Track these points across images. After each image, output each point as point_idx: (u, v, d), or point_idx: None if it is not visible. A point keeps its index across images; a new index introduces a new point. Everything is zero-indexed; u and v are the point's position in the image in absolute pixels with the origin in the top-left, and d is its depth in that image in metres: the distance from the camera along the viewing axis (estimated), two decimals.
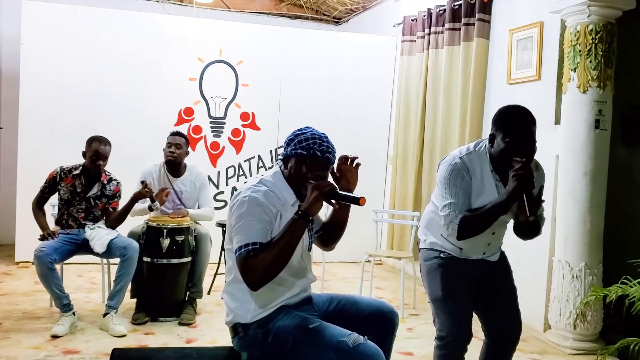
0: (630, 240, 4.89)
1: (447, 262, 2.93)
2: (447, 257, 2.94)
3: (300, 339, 2.44)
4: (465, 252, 2.93)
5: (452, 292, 2.90)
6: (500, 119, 2.78)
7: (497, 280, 3.01)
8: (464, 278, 2.93)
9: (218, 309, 5.15)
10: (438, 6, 6.40)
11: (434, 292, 2.95)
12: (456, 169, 2.80)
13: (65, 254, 4.56)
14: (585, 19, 4.36)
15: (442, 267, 2.93)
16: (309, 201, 2.39)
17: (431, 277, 2.98)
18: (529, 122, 2.74)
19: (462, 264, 2.94)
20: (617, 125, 4.81)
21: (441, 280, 2.92)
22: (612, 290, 3.25)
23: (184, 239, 4.73)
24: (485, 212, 2.72)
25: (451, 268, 2.92)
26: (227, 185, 7.22)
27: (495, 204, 2.70)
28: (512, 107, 2.85)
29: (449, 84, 6.17)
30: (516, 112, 2.80)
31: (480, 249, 2.95)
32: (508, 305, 3.00)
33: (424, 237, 3.06)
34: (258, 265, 2.33)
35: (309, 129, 2.64)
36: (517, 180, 2.61)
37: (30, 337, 4.24)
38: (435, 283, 2.95)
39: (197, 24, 7.23)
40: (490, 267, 3.00)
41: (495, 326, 3.00)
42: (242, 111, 7.23)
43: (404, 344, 4.45)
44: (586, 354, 4.37)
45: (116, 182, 4.79)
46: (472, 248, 2.92)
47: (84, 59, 6.67)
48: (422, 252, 3.06)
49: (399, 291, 5.49)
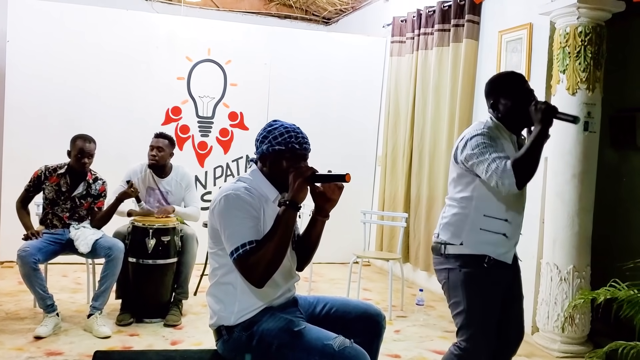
0: (618, 243, 4.89)
1: (490, 272, 2.81)
2: (491, 266, 2.81)
3: (285, 342, 2.40)
4: (510, 237, 2.85)
5: (491, 308, 2.85)
6: (497, 84, 2.93)
7: (514, 287, 3.00)
8: (500, 290, 2.87)
9: (204, 310, 5.10)
10: (427, 7, 6.39)
11: (473, 303, 2.83)
12: (486, 134, 2.80)
13: (49, 254, 4.50)
14: (575, 20, 4.35)
15: (486, 277, 2.82)
16: (294, 189, 2.37)
17: (471, 287, 2.83)
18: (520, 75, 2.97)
19: (499, 271, 2.85)
20: (606, 128, 4.82)
21: (484, 293, 2.83)
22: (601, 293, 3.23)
23: (170, 239, 4.69)
24: (529, 146, 2.68)
25: (492, 278, 2.83)
26: (215, 185, 7.17)
27: (534, 136, 2.70)
28: (502, 73, 3.14)
29: (438, 85, 6.16)
30: (507, 73, 3.08)
31: (518, 231, 2.93)
32: (518, 312, 3.02)
33: (457, 240, 2.87)
34: (260, 262, 2.32)
35: (278, 122, 2.58)
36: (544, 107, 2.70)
37: (13, 338, 4.19)
38: (476, 295, 2.83)
39: (186, 23, 7.19)
40: (514, 273, 2.99)
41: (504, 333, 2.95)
42: (231, 111, 7.19)
43: (392, 347, 4.43)
44: (574, 356, 4.36)
45: (102, 182, 4.74)
46: (514, 230, 2.88)
47: (71, 57, 6.61)
48: (456, 257, 2.87)
49: (386, 293, 5.47)
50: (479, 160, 2.73)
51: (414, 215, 6.49)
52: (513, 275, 2.97)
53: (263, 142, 2.54)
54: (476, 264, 2.82)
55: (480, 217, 2.84)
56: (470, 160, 2.78)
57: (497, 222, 2.83)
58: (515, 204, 2.86)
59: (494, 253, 2.82)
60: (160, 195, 5.07)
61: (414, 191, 6.53)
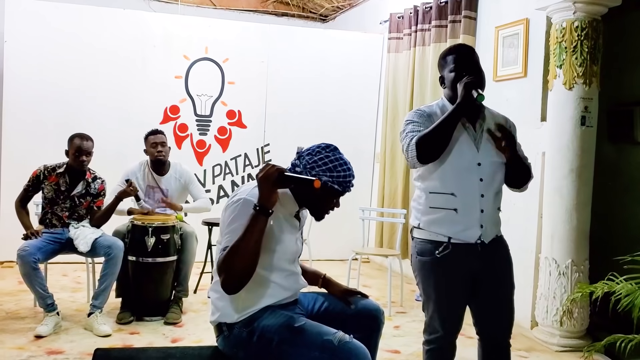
0: (616, 237, 4.91)
1: (443, 261, 2.71)
2: (444, 255, 2.71)
3: (285, 338, 2.41)
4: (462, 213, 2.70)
5: (446, 294, 2.76)
6: (442, 57, 2.88)
7: (495, 275, 2.80)
8: (461, 276, 2.74)
9: (204, 308, 5.12)
10: (424, 3, 6.40)
11: (427, 290, 2.81)
12: (418, 112, 2.82)
13: (49, 254, 4.51)
14: (571, 15, 4.36)
15: (438, 267, 2.74)
16: (263, 195, 2.29)
17: (424, 275, 2.80)
18: (466, 47, 2.92)
19: (459, 257, 2.71)
20: (603, 122, 4.83)
21: (435, 281, 2.76)
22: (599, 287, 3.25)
23: (170, 237, 4.70)
24: (439, 121, 2.64)
25: (447, 267, 2.72)
26: (214, 184, 7.19)
27: (446, 114, 2.65)
28: (451, 45, 3.03)
29: (436, 81, 6.15)
30: (453, 46, 2.97)
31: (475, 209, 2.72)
32: (503, 305, 2.85)
33: (415, 221, 2.84)
34: (227, 269, 2.29)
35: (344, 159, 2.49)
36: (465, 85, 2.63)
37: (14, 338, 4.20)
38: (428, 281, 2.79)
39: (183, 21, 7.20)
40: (490, 259, 2.76)
41: (485, 326, 2.89)
42: (229, 109, 7.20)
43: (391, 342, 4.45)
44: (573, 350, 4.37)
45: (101, 181, 4.74)
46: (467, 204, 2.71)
47: (68, 57, 6.62)
48: (416, 242, 2.84)
49: (386, 289, 5.48)
50: (401, 137, 2.78)
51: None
52: (489, 257, 2.76)
53: (316, 164, 2.44)
54: (429, 251, 2.75)
55: (427, 196, 2.78)
56: (400, 139, 2.81)
57: (443, 197, 2.73)
58: (462, 176, 2.71)
59: (449, 232, 2.71)
60: (161, 193, 5.07)
61: (412, 187, 6.54)
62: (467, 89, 2.63)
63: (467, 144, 2.72)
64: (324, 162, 2.44)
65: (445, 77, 2.83)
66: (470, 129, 2.74)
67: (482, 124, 2.78)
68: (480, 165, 2.71)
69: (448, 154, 2.68)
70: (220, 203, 7.10)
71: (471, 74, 2.70)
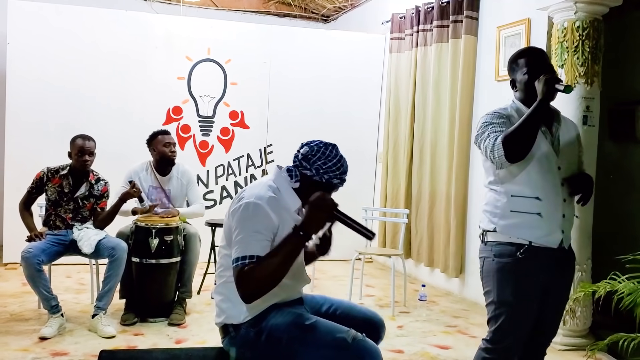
0: (618, 235, 4.90)
1: (524, 261, 2.67)
2: (525, 255, 2.67)
3: (295, 336, 2.39)
4: (546, 217, 2.68)
5: (524, 301, 2.70)
6: (512, 61, 2.86)
7: (564, 284, 2.84)
8: (538, 283, 2.70)
9: (208, 308, 5.13)
10: (426, 3, 6.41)
11: (503, 295, 2.71)
12: (494, 114, 2.78)
13: (53, 255, 4.52)
14: (572, 15, 4.36)
15: (519, 268, 2.68)
16: (312, 223, 2.29)
17: (502, 278, 2.72)
18: (536, 49, 2.92)
19: (540, 260, 2.68)
20: (605, 121, 4.83)
21: (515, 284, 2.69)
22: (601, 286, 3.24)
23: (173, 238, 4.71)
24: (523, 119, 2.61)
25: (528, 269, 2.67)
26: (217, 185, 7.20)
27: (530, 109, 2.62)
28: (518, 50, 2.95)
29: (438, 81, 6.18)
30: (524, 49, 2.96)
31: (558, 210, 2.72)
32: (560, 313, 2.88)
33: (490, 225, 2.78)
34: (252, 281, 2.27)
35: (340, 153, 2.53)
36: (544, 79, 2.62)
37: (18, 339, 4.21)
38: (507, 285, 2.70)
39: (185, 22, 7.21)
40: (563, 268, 2.79)
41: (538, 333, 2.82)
42: (231, 110, 7.21)
43: (394, 342, 4.45)
44: (576, 349, 4.37)
45: (104, 182, 4.75)
46: (551, 208, 2.69)
47: (71, 59, 6.64)
48: (492, 245, 2.77)
49: (389, 289, 5.49)
50: (480, 140, 2.73)
51: (416, 211, 6.52)
52: (564, 265, 2.80)
53: (315, 162, 2.48)
54: (510, 253, 2.70)
55: (509, 199, 2.73)
56: (477, 142, 2.78)
57: (526, 201, 2.70)
58: (546, 180, 2.71)
59: (531, 237, 2.68)
60: (163, 194, 5.09)
61: (415, 187, 6.55)
62: (548, 84, 2.61)
63: (547, 148, 2.71)
64: (337, 166, 2.49)
65: (518, 79, 2.81)
66: (547, 134, 2.74)
67: (557, 127, 2.78)
68: (560, 170, 2.73)
69: (531, 157, 2.67)
70: (223, 204, 7.11)
71: (546, 73, 2.67)
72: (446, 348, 4.39)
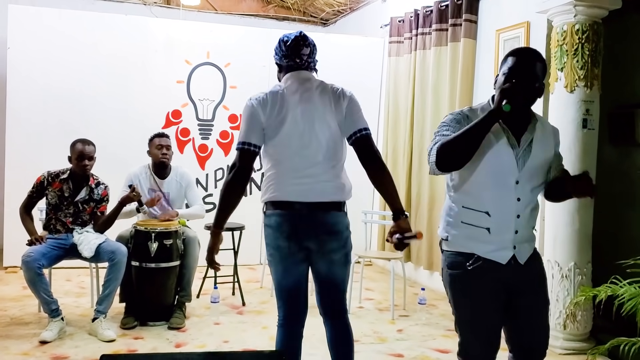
0: (619, 239, 4.90)
1: (475, 274, 2.53)
2: (475, 268, 2.52)
3: None
4: (494, 233, 2.51)
5: (480, 313, 2.57)
6: (505, 55, 2.56)
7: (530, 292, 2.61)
8: (495, 290, 2.54)
9: (207, 312, 5.13)
10: (425, 7, 6.41)
11: (461, 309, 2.62)
12: (457, 113, 2.57)
13: (53, 259, 4.53)
14: (572, 18, 4.37)
15: (471, 281, 2.55)
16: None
17: (457, 291, 2.61)
18: (527, 53, 2.57)
19: (492, 270, 2.52)
20: (605, 125, 4.83)
21: (470, 298, 2.57)
22: (602, 291, 3.25)
23: (172, 242, 4.71)
24: (465, 129, 2.38)
25: (481, 280, 2.53)
26: (216, 188, 7.19)
27: (475, 121, 2.38)
28: (518, 47, 2.74)
29: (437, 84, 6.18)
30: (520, 48, 2.78)
31: (509, 230, 2.52)
32: (538, 322, 2.64)
33: (444, 233, 2.65)
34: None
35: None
36: (501, 91, 2.36)
37: (19, 343, 4.21)
38: (462, 300, 2.61)
39: (184, 26, 7.21)
40: (523, 276, 2.58)
41: (521, 344, 2.66)
42: (230, 113, 7.21)
43: (394, 346, 4.44)
44: (576, 353, 4.38)
45: (104, 186, 4.76)
46: (501, 224, 2.52)
47: (71, 63, 6.64)
48: (446, 255, 2.65)
49: (389, 292, 5.49)
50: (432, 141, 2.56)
51: (415, 215, 6.52)
52: (523, 277, 2.58)
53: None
54: (460, 264, 2.56)
55: (460, 210, 2.59)
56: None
57: (476, 215, 2.54)
58: (500, 195, 2.52)
59: (480, 251, 2.53)
60: (162, 197, 5.09)
61: (415, 191, 6.55)
62: (502, 95, 2.36)
63: (508, 161, 2.50)
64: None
65: (497, 82, 2.52)
66: (514, 145, 2.51)
67: (530, 138, 2.55)
68: (518, 184, 2.51)
69: (487, 169, 2.49)
70: None
71: (522, 81, 2.42)
72: (446, 352, 4.38)
